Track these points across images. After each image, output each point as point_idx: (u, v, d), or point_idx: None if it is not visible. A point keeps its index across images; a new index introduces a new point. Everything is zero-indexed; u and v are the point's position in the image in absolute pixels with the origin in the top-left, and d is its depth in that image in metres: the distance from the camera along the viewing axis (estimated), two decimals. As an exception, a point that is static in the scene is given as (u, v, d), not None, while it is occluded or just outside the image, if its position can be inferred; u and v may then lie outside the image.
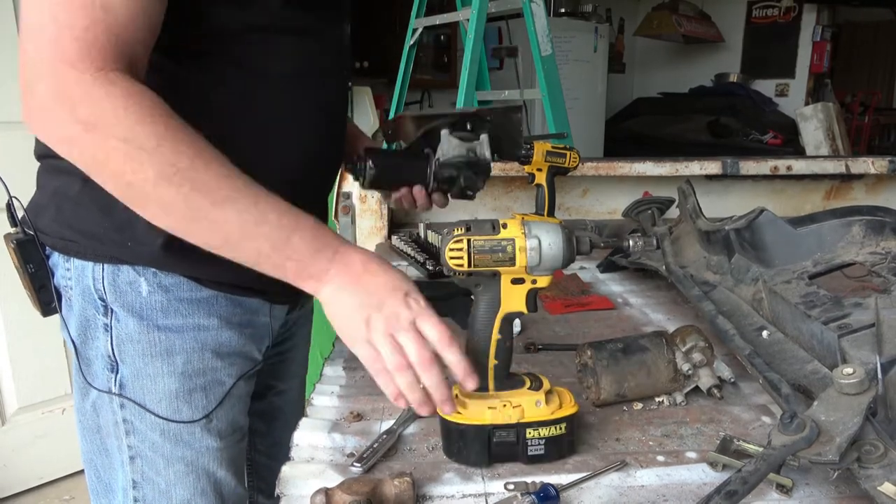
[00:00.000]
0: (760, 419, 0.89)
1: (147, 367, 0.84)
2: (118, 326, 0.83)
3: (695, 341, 0.93)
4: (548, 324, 1.27)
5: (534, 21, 2.73)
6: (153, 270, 0.82)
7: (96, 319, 0.84)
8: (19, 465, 2.36)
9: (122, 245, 0.81)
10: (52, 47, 0.65)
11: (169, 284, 0.83)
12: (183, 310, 0.84)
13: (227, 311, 0.87)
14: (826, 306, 0.90)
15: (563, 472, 0.76)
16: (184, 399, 0.86)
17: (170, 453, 0.87)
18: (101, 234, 0.81)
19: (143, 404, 0.85)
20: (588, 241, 0.77)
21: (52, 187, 0.84)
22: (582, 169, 1.83)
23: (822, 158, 2.10)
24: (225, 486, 0.93)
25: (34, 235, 0.84)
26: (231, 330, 0.88)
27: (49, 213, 0.84)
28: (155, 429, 0.86)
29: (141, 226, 0.78)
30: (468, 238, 0.73)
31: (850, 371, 0.68)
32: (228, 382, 0.89)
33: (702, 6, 6.79)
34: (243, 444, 0.98)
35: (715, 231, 1.18)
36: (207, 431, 0.88)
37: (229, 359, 0.89)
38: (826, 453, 0.62)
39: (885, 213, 1.00)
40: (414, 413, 0.88)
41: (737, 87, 6.64)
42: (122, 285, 0.82)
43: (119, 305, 0.83)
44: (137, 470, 0.88)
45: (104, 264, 0.82)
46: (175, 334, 0.84)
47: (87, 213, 0.81)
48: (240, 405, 0.94)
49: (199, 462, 0.89)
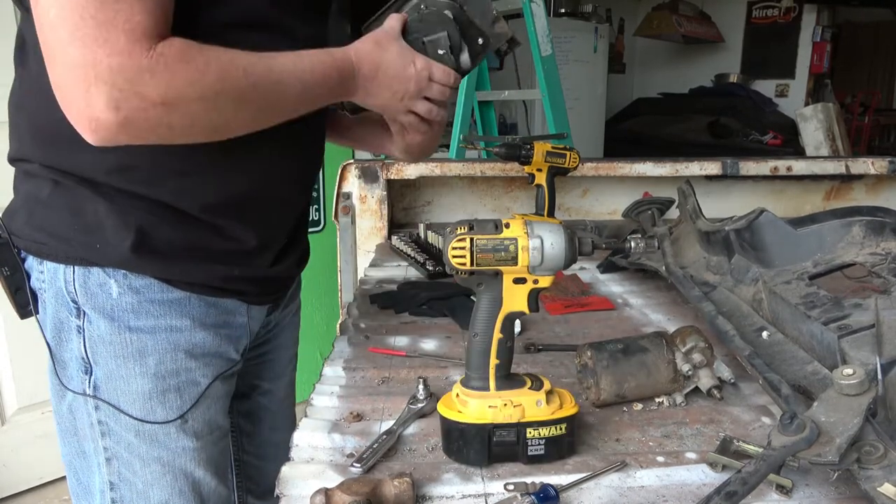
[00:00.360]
0: (760, 420, 0.89)
1: (120, 369, 0.84)
2: (90, 328, 0.83)
3: (695, 342, 0.93)
4: (548, 324, 1.27)
5: (534, 21, 2.73)
6: (123, 272, 0.82)
7: (69, 321, 0.84)
8: (19, 465, 2.35)
9: (92, 247, 0.81)
10: (101, 47, 0.64)
11: (139, 286, 0.83)
12: (154, 311, 0.84)
13: (200, 312, 0.87)
14: (826, 307, 0.90)
15: (562, 473, 0.76)
16: (157, 400, 0.86)
17: (146, 454, 0.87)
18: (71, 236, 0.81)
19: (118, 405, 0.85)
20: (590, 241, 0.77)
21: (24, 191, 0.85)
22: (582, 169, 1.83)
23: (822, 159, 2.11)
24: (204, 486, 0.92)
25: (8, 239, 0.85)
26: (205, 331, 0.88)
27: (22, 216, 0.85)
28: (130, 430, 0.86)
29: (110, 228, 0.80)
30: (471, 237, 0.73)
31: (850, 372, 0.68)
32: (204, 383, 0.89)
33: (702, 6, 6.80)
34: (224, 444, 0.98)
35: (715, 232, 1.18)
36: (183, 432, 0.88)
37: (204, 359, 0.89)
38: (826, 454, 0.62)
39: (885, 213, 1.01)
40: (415, 413, 0.89)
41: (737, 87, 6.64)
42: (93, 287, 0.82)
43: (90, 307, 0.83)
44: (114, 471, 0.88)
45: (75, 266, 0.82)
46: (147, 335, 0.84)
47: (57, 216, 0.82)
48: (217, 405, 0.93)
49: (176, 462, 0.89)
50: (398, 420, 0.87)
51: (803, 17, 6.52)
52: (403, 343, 1.17)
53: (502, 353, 0.78)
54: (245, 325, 0.94)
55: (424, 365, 1.08)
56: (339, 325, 1.30)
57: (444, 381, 1.00)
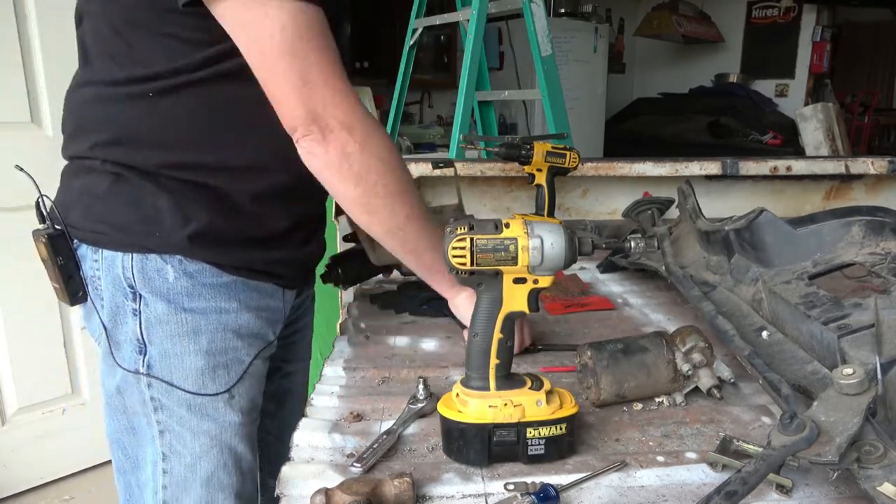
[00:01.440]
0: (760, 420, 0.89)
1: (175, 347, 0.91)
2: (147, 310, 0.90)
3: (695, 342, 0.93)
4: (548, 324, 1.27)
5: (534, 21, 2.73)
6: (179, 258, 0.89)
7: (125, 305, 0.90)
8: (19, 465, 2.35)
9: (151, 235, 0.88)
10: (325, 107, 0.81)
11: (193, 271, 0.90)
12: (206, 294, 0.91)
13: (245, 296, 0.95)
14: (826, 307, 0.90)
15: (563, 473, 0.76)
16: (209, 375, 0.93)
17: (196, 427, 0.94)
18: (130, 226, 0.88)
19: (171, 381, 0.92)
20: (590, 241, 0.77)
21: (80, 185, 0.92)
22: (582, 169, 1.83)
23: (821, 159, 2.10)
24: (244, 461, 0.99)
25: (64, 230, 0.91)
26: (249, 313, 0.95)
27: (78, 209, 0.91)
28: (182, 404, 0.93)
29: (168, 218, 0.88)
30: (471, 237, 0.73)
31: (849, 371, 0.68)
32: (247, 361, 0.97)
33: (702, 6, 6.79)
34: (258, 423, 1.04)
35: (715, 231, 1.18)
36: (230, 406, 0.96)
37: (248, 339, 0.96)
38: (826, 454, 0.62)
39: (884, 213, 1.00)
40: (415, 413, 0.89)
41: (737, 87, 6.64)
42: (151, 272, 0.89)
43: (148, 291, 0.89)
44: (166, 443, 0.95)
45: (133, 253, 0.89)
46: (200, 316, 0.91)
47: (116, 208, 0.89)
48: (257, 384, 1.01)
49: (223, 437, 0.96)
50: (398, 420, 0.87)
51: (803, 16, 6.51)
52: (403, 343, 1.17)
53: (502, 352, 0.78)
54: (280, 309, 1.02)
55: (424, 365, 1.08)
56: (339, 325, 1.31)
57: (444, 381, 1.00)
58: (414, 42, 3.26)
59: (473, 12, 2.70)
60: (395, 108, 3.39)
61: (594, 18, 5.78)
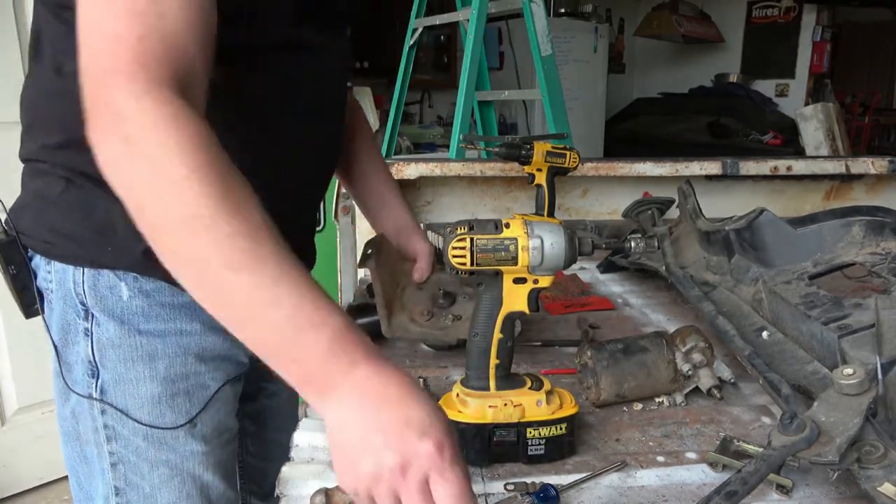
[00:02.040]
0: (760, 420, 0.89)
1: (129, 372, 0.83)
2: (98, 331, 0.82)
3: (695, 342, 0.93)
4: (548, 324, 1.27)
5: (534, 21, 2.73)
6: (134, 275, 0.81)
7: (77, 324, 0.82)
8: (19, 465, 2.36)
9: (103, 249, 0.79)
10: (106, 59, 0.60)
11: (150, 289, 0.82)
12: (164, 314, 0.83)
13: (209, 316, 0.83)
14: (826, 307, 0.90)
15: (563, 473, 0.76)
16: (167, 404, 0.85)
17: (154, 457, 0.86)
18: (82, 237, 0.80)
19: (125, 410, 0.83)
20: (590, 242, 0.77)
21: (34, 188, 0.83)
22: (582, 169, 1.83)
23: (822, 159, 2.10)
24: (213, 490, 0.91)
25: (16, 237, 0.83)
26: (215, 335, 0.86)
27: (30, 214, 0.83)
28: (138, 433, 0.85)
29: (121, 230, 0.77)
30: (471, 237, 0.73)
31: (850, 372, 0.68)
32: (213, 386, 0.88)
33: (702, 6, 6.79)
34: (233, 447, 0.97)
35: (715, 231, 1.18)
36: (192, 436, 0.87)
37: (213, 363, 0.88)
38: (826, 454, 0.62)
39: (885, 213, 1.00)
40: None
41: (737, 87, 6.63)
42: (103, 290, 0.81)
43: (99, 310, 0.81)
44: (120, 476, 0.86)
45: (84, 268, 0.80)
46: (157, 339, 0.83)
47: (68, 216, 0.80)
48: (226, 408, 0.92)
49: (184, 466, 0.87)
50: (398, 420, 0.87)
51: (803, 17, 6.51)
52: (404, 343, 1.17)
53: (502, 352, 0.78)
54: None
55: (424, 365, 1.08)
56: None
57: (444, 381, 1.00)
58: (414, 42, 3.26)
59: (473, 12, 2.70)
60: (395, 108, 3.38)
61: (594, 18, 5.78)
